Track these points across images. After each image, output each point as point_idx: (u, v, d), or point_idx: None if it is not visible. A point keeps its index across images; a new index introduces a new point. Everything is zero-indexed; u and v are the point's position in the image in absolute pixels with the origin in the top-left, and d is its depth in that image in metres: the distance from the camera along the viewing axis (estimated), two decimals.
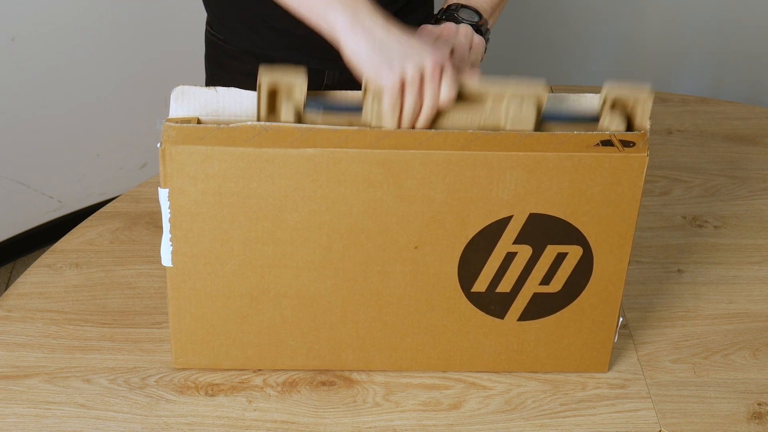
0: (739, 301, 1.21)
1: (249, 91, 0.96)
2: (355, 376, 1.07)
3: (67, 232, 1.26)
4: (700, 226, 1.35)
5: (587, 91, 1.00)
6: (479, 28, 1.12)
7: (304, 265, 0.99)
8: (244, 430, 1.00)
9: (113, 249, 1.24)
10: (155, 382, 1.05)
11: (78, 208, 2.40)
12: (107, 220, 1.29)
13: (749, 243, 1.32)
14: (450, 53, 1.04)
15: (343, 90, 0.99)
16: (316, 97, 0.96)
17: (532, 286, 1.02)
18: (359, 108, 0.95)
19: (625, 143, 0.95)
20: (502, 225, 0.98)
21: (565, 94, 1.00)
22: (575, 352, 1.07)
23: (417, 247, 0.98)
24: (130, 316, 1.13)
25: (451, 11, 1.13)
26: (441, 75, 0.94)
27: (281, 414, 1.02)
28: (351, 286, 1.00)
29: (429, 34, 1.09)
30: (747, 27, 2.56)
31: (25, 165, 2.27)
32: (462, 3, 1.14)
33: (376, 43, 0.94)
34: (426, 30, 1.10)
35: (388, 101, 0.93)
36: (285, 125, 0.92)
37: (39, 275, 1.19)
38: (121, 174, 2.41)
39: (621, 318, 1.06)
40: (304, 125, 0.93)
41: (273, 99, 0.94)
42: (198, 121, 0.95)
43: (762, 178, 1.46)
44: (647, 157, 0.96)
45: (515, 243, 0.99)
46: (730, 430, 1.03)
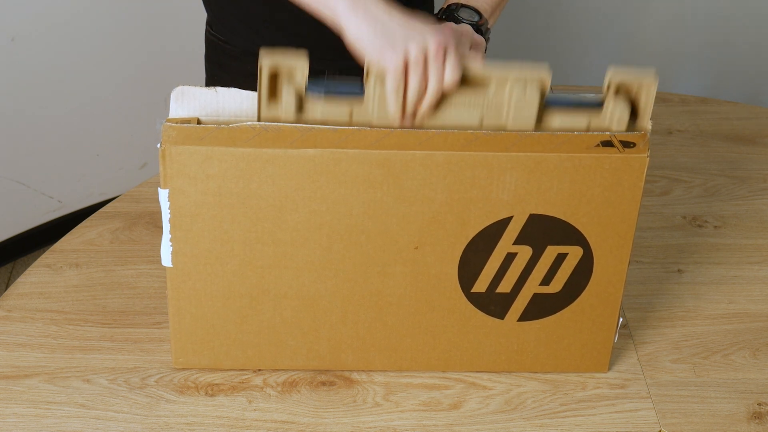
0: (739, 301, 1.21)
1: (249, 92, 0.96)
2: (355, 376, 1.07)
3: (67, 232, 1.26)
4: (700, 226, 1.35)
5: (587, 91, 1.00)
6: (479, 27, 1.12)
7: (304, 266, 0.99)
8: (244, 430, 1.00)
9: (113, 249, 1.24)
10: (155, 382, 1.05)
11: (78, 208, 2.40)
12: (107, 220, 1.29)
13: (749, 243, 1.32)
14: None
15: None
16: (317, 81, 0.95)
17: (532, 286, 1.02)
18: (361, 92, 0.94)
19: (626, 144, 0.95)
20: (502, 225, 0.98)
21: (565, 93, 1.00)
22: (575, 352, 1.07)
23: (417, 248, 0.98)
24: (130, 316, 1.13)
25: (451, 11, 1.13)
26: (445, 56, 0.93)
27: (281, 414, 1.02)
28: (351, 286, 1.00)
29: None
30: (747, 27, 2.56)
31: (25, 165, 2.27)
32: (462, 3, 1.14)
33: (378, 26, 0.93)
34: None
35: (391, 83, 0.92)
36: (285, 125, 0.92)
37: (39, 275, 1.19)
38: (121, 174, 2.41)
39: (621, 318, 1.06)
40: (304, 125, 0.93)
41: (274, 82, 0.93)
42: (198, 122, 0.95)
43: (762, 178, 1.46)
44: (648, 158, 0.96)
45: (515, 243, 0.99)
46: (730, 430, 1.03)
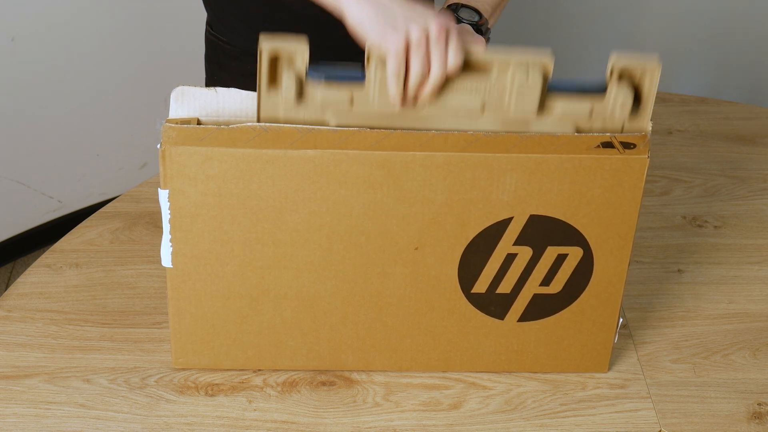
0: (739, 301, 1.21)
1: (249, 92, 0.96)
2: (355, 376, 1.07)
3: (67, 232, 1.26)
4: (700, 226, 1.35)
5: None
6: (479, 27, 1.12)
7: (304, 267, 0.99)
8: (244, 430, 1.00)
9: (113, 249, 1.24)
10: (155, 382, 1.05)
11: (78, 208, 2.40)
12: (107, 220, 1.29)
13: (749, 243, 1.32)
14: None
15: None
16: (317, 66, 0.94)
17: (532, 287, 1.02)
18: (362, 77, 0.93)
19: (626, 145, 0.95)
20: (502, 226, 0.98)
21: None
22: (575, 352, 1.07)
23: (417, 249, 0.98)
24: (130, 316, 1.13)
25: (451, 11, 1.13)
26: (447, 39, 0.92)
27: (281, 414, 1.02)
28: (351, 287, 1.00)
29: None
30: (747, 27, 2.56)
31: (25, 165, 2.27)
32: (462, 2, 1.14)
33: (379, 9, 0.93)
34: None
35: (392, 64, 0.91)
36: (285, 126, 0.92)
37: (39, 275, 1.19)
38: (121, 174, 2.41)
39: (621, 318, 1.06)
40: (304, 126, 0.92)
41: (274, 67, 0.93)
42: (198, 122, 0.95)
43: (762, 178, 1.46)
44: (648, 159, 0.96)
45: (515, 244, 0.99)
46: (730, 430, 1.03)
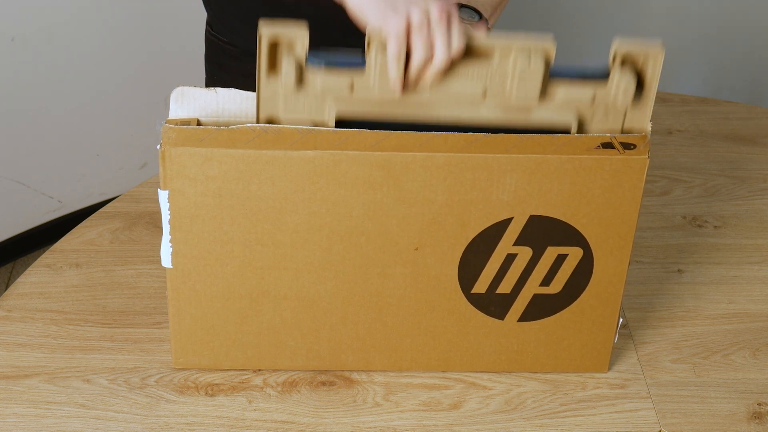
0: (739, 301, 1.21)
1: (249, 93, 0.96)
2: (355, 376, 1.07)
3: (67, 232, 1.26)
4: (700, 226, 1.35)
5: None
6: None
7: (304, 267, 0.99)
8: (244, 430, 1.00)
9: (113, 249, 1.24)
10: (155, 382, 1.05)
11: (78, 208, 2.40)
12: (107, 220, 1.29)
13: (749, 243, 1.32)
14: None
15: None
16: (317, 52, 0.93)
17: (532, 287, 1.02)
18: (363, 62, 0.92)
19: (626, 145, 0.95)
20: (502, 227, 0.98)
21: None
22: (575, 352, 1.07)
23: (417, 249, 0.98)
24: (130, 316, 1.13)
25: None
26: (449, 22, 0.91)
27: (281, 414, 1.02)
28: (351, 287, 1.00)
29: None
30: (747, 27, 2.56)
31: (25, 165, 2.27)
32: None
33: None
34: None
35: (393, 47, 0.90)
36: (285, 127, 0.92)
37: (39, 275, 1.19)
38: (121, 174, 2.42)
39: (621, 318, 1.06)
40: (304, 127, 0.92)
41: (274, 53, 0.92)
42: (198, 123, 0.95)
43: (762, 178, 1.46)
44: (648, 159, 0.96)
45: (515, 244, 0.99)
46: (730, 430, 1.03)
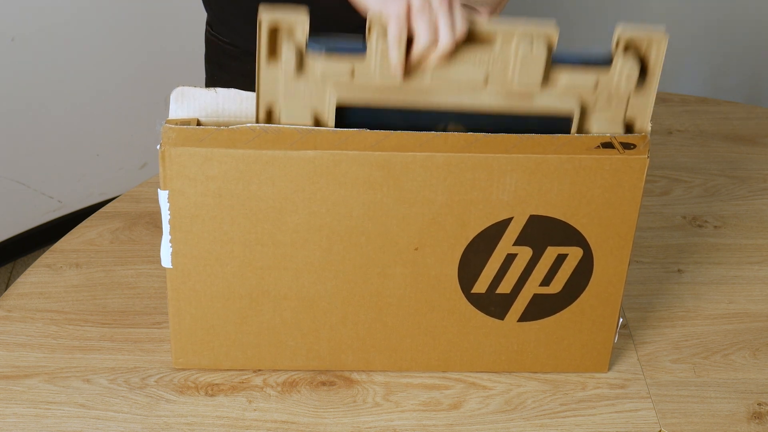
0: (739, 301, 1.21)
1: (249, 93, 0.96)
2: (355, 376, 1.07)
3: (67, 232, 1.26)
4: (700, 226, 1.35)
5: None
6: None
7: (304, 267, 0.99)
8: (244, 430, 1.00)
9: (113, 249, 1.24)
10: (155, 382, 1.05)
11: (78, 208, 2.40)
12: (107, 220, 1.29)
13: (749, 243, 1.32)
14: None
15: None
16: (318, 38, 0.92)
17: (532, 287, 1.02)
18: (364, 48, 0.92)
19: (626, 145, 0.95)
20: (502, 227, 0.98)
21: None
22: (575, 352, 1.07)
23: (417, 249, 0.98)
24: (130, 316, 1.13)
25: None
26: (450, 5, 0.90)
27: (281, 414, 1.02)
28: (351, 287, 1.00)
29: None
30: (747, 27, 2.56)
31: (25, 165, 2.27)
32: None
33: None
34: None
35: (393, 30, 0.89)
36: (285, 127, 0.92)
37: (39, 275, 1.19)
38: (121, 174, 2.42)
39: (621, 318, 1.06)
40: (304, 127, 0.92)
41: (273, 39, 0.91)
42: (198, 123, 0.95)
43: (762, 178, 1.46)
44: (648, 159, 0.96)
45: (515, 244, 0.99)
46: (730, 430, 1.03)
